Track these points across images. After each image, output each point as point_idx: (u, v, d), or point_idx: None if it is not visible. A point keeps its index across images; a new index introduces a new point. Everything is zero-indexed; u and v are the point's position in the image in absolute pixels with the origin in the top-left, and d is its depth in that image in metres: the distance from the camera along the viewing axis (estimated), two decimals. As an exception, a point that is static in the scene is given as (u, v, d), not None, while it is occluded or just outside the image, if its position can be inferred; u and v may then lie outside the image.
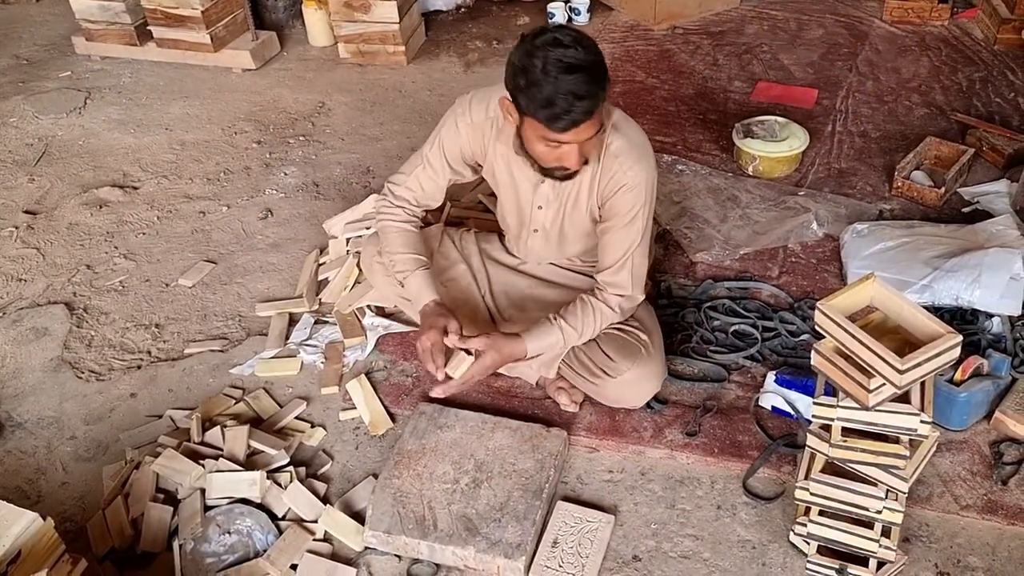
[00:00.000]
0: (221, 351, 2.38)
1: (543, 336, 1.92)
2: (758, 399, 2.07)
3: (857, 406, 1.48)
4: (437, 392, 1.92)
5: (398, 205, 2.04)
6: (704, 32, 3.87)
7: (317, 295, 2.51)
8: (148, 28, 3.84)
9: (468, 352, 1.88)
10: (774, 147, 2.85)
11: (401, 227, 2.03)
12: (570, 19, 4.02)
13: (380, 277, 2.22)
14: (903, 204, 2.73)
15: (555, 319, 1.93)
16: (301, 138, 3.34)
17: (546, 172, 1.81)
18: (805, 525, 1.69)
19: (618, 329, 2.04)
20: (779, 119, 2.96)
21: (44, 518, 1.57)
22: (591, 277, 2.12)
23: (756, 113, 3.12)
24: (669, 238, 2.63)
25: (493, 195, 2.15)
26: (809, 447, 1.62)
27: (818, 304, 1.48)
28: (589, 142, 1.72)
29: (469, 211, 2.68)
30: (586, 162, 1.80)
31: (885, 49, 3.63)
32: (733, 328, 2.28)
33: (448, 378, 1.89)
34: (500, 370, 2.18)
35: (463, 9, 4.26)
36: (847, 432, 1.55)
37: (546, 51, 1.61)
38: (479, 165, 2.02)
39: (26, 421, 2.22)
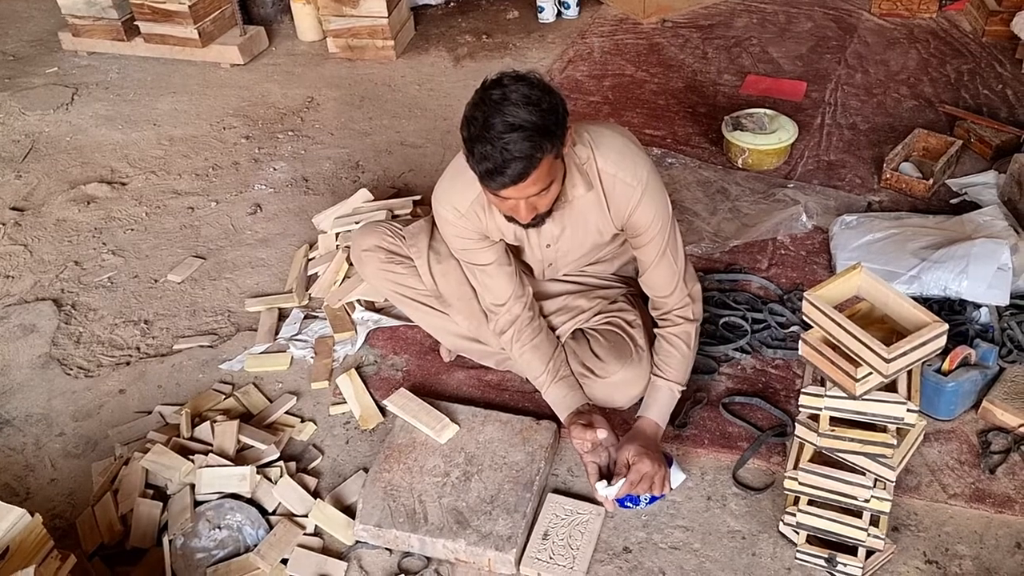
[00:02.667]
0: (210, 347, 2.37)
1: (660, 401, 1.92)
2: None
3: (845, 395, 1.48)
4: (609, 507, 1.87)
5: (511, 320, 1.97)
6: (693, 25, 3.87)
7: (307, 290, 2.51)
8: (135, 23, 3.83)
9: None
10: (763, 140, 2.86)
11: (531, 345, 1.97)
12: (559, 13, 4.02)
13: (370, 270, 2.20)
14: (892, 196, 2.74)
15: (656, 378, 1.93)
16: (290, 133, 3.33)
17: (511, 220, 1.76)
18: (794, 515, 1.70)
19: (609, 328, 2.05)
20: (768, 112, 2.97)
21: (32, 514, 1.56)
22: (592, 276, 2.12)
23: (745, 106, 3.12)
24: (659, 231, 2.63)
25: None
26: (798, 437, 1.62)
27: (805, 294, 1.49)
28: (538, 198, 1.66)
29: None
30: (548, 214, 1.74)
31: (874, 42, 3.64)
32: (723, 320, 2.29)
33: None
34: (489, 364, 2.19)
35: (452, 3, 4.25)
36: (835, 421, 1.56)
37: (491, 106, 1.56)
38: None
39: (14, 418, 2.21)
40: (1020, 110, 3.10)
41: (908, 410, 1.47)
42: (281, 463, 1.98)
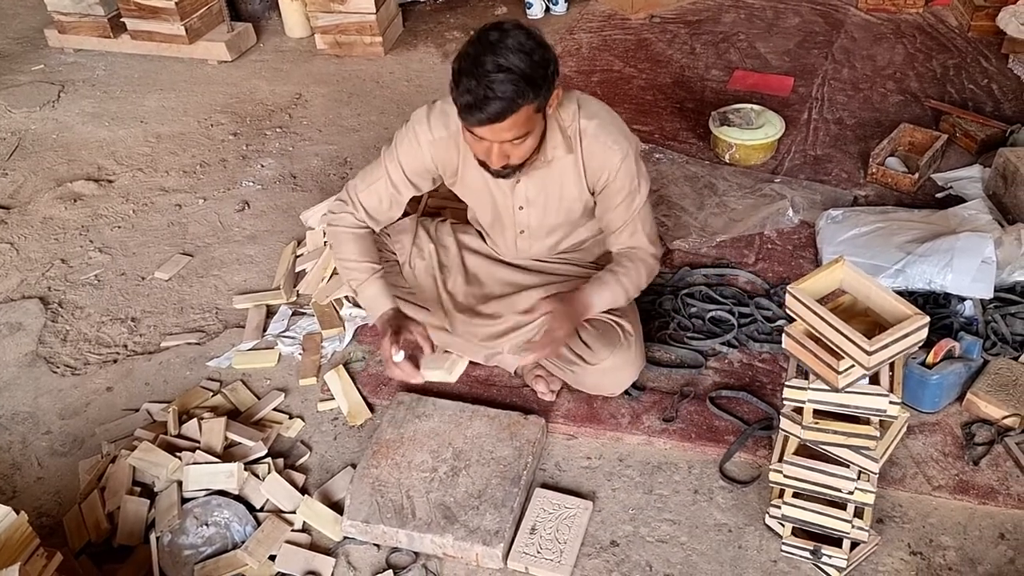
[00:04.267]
0: (198, 344, 2.37)
1: (603, 289, 1.93)
2: None
3: (828, 388, 1.49)
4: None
5: (353, 213, 1.98)
6: (681, 21, 3.87)
7: (294, 287, 2.51)
8: (122, 20, 3.81)
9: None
10: (750, 135, 2.87)
11: (355, 233, 1.98)
12: (548, 8, 4.02)
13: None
14: (878, 190, 2.75)
15: (613, 274, 1.94)
16: (278, 130, 3.32)
17: (483, 165, 1.79)
18: (780, 507, 1.71)
19: (597, 316, 2.05)
20: (755, 107, 2.98)
21: (17, 512, 1.56)
22: (572, 264, 2.13)
23: (733, 101, 3.13)
24: (646, 226, 2.63)
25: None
26: (782, 430, 1.63)
27: (788, 288, 1.50)
28: (512, 146, 1.70)
29: (446, 201, 2.67)
30: (520, 166, 1.77)
31: (860, 37, 3.65)
32: (710, 314, 2.30)
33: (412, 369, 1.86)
34: (478, 359, 2.19)
35: (440, -1, 4.25)
36: (819, 414, 1.57)
37: (485, 46, 1.61)
38: (440, 178, 1.99)
39: (0, 416, 2.20)
40: (1005, 105, 3.12)
41: (890, 402, 1.48)
42: (269, 460, 1.98)
